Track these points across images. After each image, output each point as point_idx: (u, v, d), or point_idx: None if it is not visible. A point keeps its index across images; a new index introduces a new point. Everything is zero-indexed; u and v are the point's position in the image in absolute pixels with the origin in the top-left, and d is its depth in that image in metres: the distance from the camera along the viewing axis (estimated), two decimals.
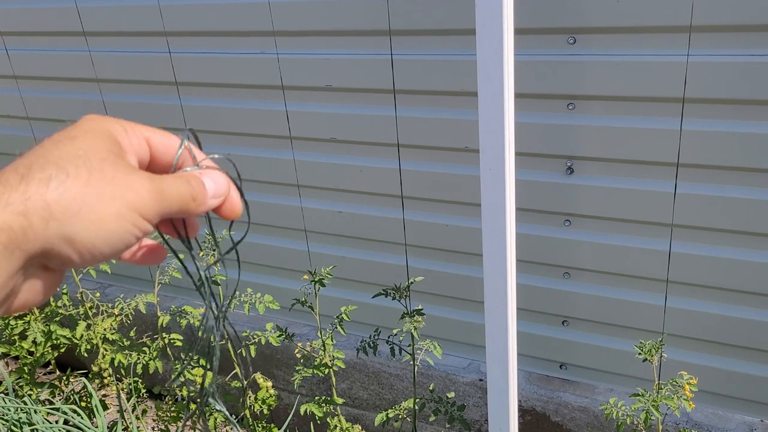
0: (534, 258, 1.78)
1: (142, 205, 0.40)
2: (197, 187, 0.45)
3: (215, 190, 0.46)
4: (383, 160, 1.87)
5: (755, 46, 1.37)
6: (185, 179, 0.44)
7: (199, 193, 0.45)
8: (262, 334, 1.83)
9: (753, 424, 1.67)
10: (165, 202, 0.42)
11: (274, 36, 1.86)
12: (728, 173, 1.48)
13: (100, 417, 1.99)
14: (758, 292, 1.55)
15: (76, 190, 0.38)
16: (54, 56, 2.29)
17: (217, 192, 0.46)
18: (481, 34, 1.08)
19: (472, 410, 2.01)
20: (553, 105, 1.59)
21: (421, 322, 1.52)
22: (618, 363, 1.78)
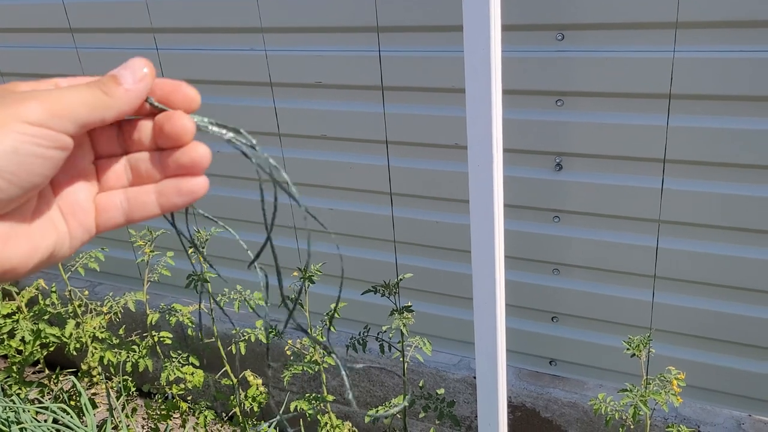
0: (523, 254, 1.78)
1: (27, 114, 0.37)
2: (105, 80, 0.41)
3: (133, 76, 0.42)
4: (373, 157, 1.86)
5: (741, 42, 1.37)
6: (87, 80, 0.41)
7: (109, 83, 0.41)
8: (252, 332, 1.82)
9: (741, 418, 1.68)
10: (62, 106, 0.38)
11: (263, 33, 1.85)
12: (715, 169, 1.49)
13: (90, 416, 1.98)
14: (745, 287, 1.56)
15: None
16: (40, 53, 2.27)
17: (135, 72, 0.42)
18: (468, 31, 1.08)
19: (463, 406, 2.02)
20: (542, 101, 1.59)
21: (410, 319, 1.52)
22: (607, 359, 1.79)
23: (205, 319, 2.29)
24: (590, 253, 1.69)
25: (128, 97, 0.41)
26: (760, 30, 1.35)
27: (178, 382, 2.07)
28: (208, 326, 2.29)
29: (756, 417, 1.68)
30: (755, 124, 1.42)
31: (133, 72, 0.42)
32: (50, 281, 2.31)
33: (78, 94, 0.40)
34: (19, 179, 0.37)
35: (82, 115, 0.39)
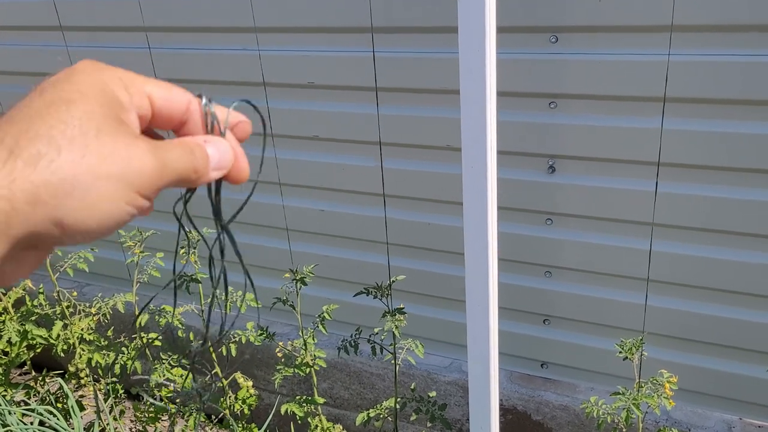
0: (516, 257, 1.78)
1: (140, 183, 0.37)
2: (200, 159, 0.41)
3: (219, 162, 0.42)
4: (365, 158, 1.86)
5: (736, 46, 1.38)
6: (189, 149, 0.41)
7: (202, 166, 0.41)
8: (243, 333, 1.81)
9: (731, 422, 1.69)
10: (166, 176, 0.38)
11: (256, 32, 1.84)
12: (708, 173, 1.49)
13: (77, 418, 1.96)
14: (738, 290, 1.57)
15: (69, 170, 0.34)
16: (30, 51, 2.25)
17: (221, 164, 0.42)
18: (463, 32, 1.08)
19: (454, 409, 2.01)
20: (535, 103, 1.59)
21: (402, 321, 1.51)
22: (599, 362, 1.79)
23: (195, 320, 2.27)
24: (583, 255, 1.69)
25: (207, 180, 0.42)
26: (754, 34, 1.36)
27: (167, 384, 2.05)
28: (197, 327, 2.27)
29: (746, 420, 1.68)
30: (748, 128, 1.42)
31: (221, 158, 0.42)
32: (38, 282, 2.28)
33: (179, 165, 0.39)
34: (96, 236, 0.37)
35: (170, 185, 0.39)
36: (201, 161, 0.41)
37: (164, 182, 0.38)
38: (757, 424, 1.67)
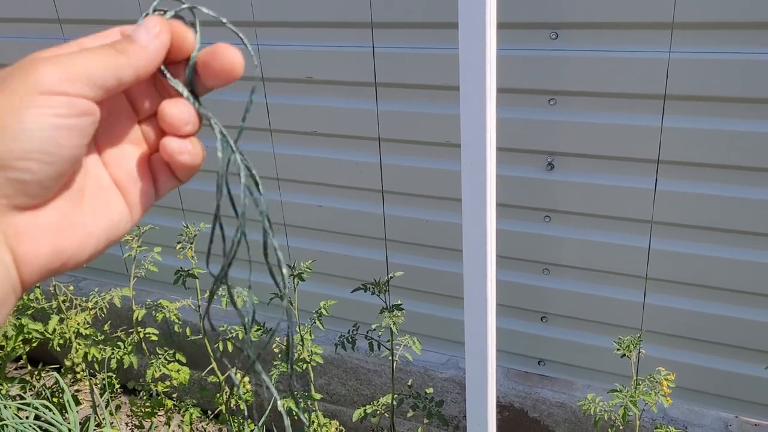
0: (514, 254, 1.78)
1: (41, 83, 0.35)
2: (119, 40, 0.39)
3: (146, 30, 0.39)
4: (364, 154, 1.85)
5: (736, 43, 1.37)
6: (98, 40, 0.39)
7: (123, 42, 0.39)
8: (239, 329, 1.80)
9: (728, 420, 1.69)
10: (76, 69, 0.36)
11: (255, 27, 1.83)
12: (708, 170, 1.49)
13: (73, 412, 1.96)
14: (735, 289, 1.57)
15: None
16: (27, 44, 2.23)
17: (150, 30, 0.40)
18: (463, 28, 1.07)
19: (451, 406, 2.01)
20: (535, 100, 1.59)
21: (400, 318, 1.51)
22: (596, 359, 1.79)
23: (190, 315, 2.26)
24: (581, 253, 1.69)
25: (145, 54, 0.39)
26: (755, 31, 1.35)
27: (164, 379, 2.05)
28: (194, 323, 2.26)
29: (743, 418, 1.68)
30: (748, 126, 1.42)
31: (147, 30, 0.40)
32: None
33: (92, 55, 0.37)
34: (49, 156, 0.35)
35: (98, 76, 0.37)
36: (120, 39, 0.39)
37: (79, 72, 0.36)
38: (754, 422, 1.67)
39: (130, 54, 0.38)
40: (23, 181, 0.35)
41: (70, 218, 0.38)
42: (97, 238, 0.39)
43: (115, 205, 0.41)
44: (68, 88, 0.36)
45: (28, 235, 0.36)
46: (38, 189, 0.35)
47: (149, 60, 0.39)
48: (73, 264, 0.38)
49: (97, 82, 0.37)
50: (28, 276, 0.36)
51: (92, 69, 0.37)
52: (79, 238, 0.38)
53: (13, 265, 0.36)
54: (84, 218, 0.39)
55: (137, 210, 0.41)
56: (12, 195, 0.35)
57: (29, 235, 0.36)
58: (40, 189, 0.36)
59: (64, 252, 0.37)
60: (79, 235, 0.38)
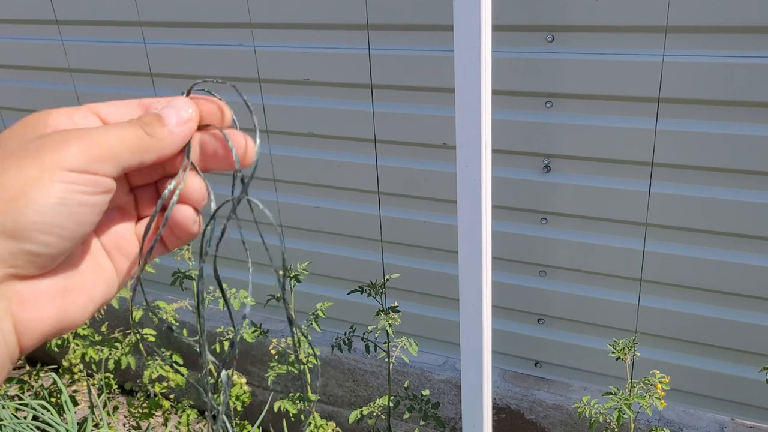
0: (510, 256, 1.78)
1: (69, 161, 0.35)
2: (148, 119, 0.39)
3: (177, 115, 0.40)
4: (361, 156, 1.85)
5: (730, 47, 1.38)
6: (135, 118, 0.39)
7: (152, 124, 0.39)
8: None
9: (723, 422, 1.69)
10: (104, 150, 0.36)
11: (251, 28, 1.84)
12: (702, 173, 1.49)
13: (70, 413, 1.96)
14: (730, 291, 1.57)
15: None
16: (26, 45, 2.24)
17: (181, 115, 0.40)
18: (458, 30, 1.07)
19: (447, 408, 2.01)
20: (531, 102, 1.59)
21: (396, 319, 1.51)
22: (592, 361, 1.79)
23: (188, 316, 2.26)
24: (577, 255, 1.69)
25: (171, 140, 0.39)
26: (749, 36, 1.36)
27: (161, 380, 2.05)
28: (192, 324, 2.27)
29: (738, 421, 1.69)
30: (742, 129, 1.43)
31: (178, 112, 0.40)
32: None
33: (120, 134, 0.37)
34: (68, 231, 0.35)
35: (124, 157, 0.37)
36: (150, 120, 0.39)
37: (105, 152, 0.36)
38: (749, 425, 1.67)
39: (159, 138, 0.39)
40: (38, 254, 0.35)
41: (70, 283, 0.38)
42: (94, 300, 0.40)
43: (108, 269, 0.41)
44: (95, 168, 0.36)
45: (33, 302, 0.36)
46: (48, 261, 0.36)
47: (175, 146, 0.40)
48: (71, 327, 0.38)
49: (120, 164, 0.37)
50: (28, 342, 0.36)
51: (120, 149, 0.37)
52: (81, 302, 0.39)
53: (13, 332, 0.36)
54: (83, 281, 0.39)
55: (123, 275, 0.42)
56: (21, 266, 0.35)
57: (34, 302, 0.36)
58: (50, 261, 0.36)
59: (68, 316, 0.38)
60: (80, 299, 0.39)
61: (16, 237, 0.34)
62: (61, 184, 0.35)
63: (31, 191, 0.34)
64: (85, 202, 0.36)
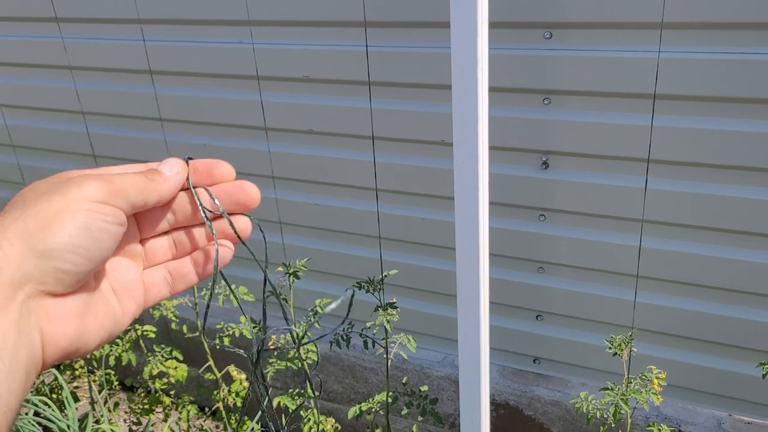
0: (509, 252, 1.78)
1: (91, 193, 0.42)
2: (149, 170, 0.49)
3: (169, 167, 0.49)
4: (359, 153, 1.86)
5: (726, 44, 1.38)
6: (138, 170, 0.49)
7: (152, 173, 0.48)
8: (236, 327, 1.81)
9: (721, 418, 1.70)
10: (117, 187, 0.44)
11: (250, 26, 1.84)
12: (698, 170, 1.49)
13: (71, 409, 1.97)
14: (727, 288, 1.57)
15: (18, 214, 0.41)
16: (26, 42, 2.24)
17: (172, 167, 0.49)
18: (455, 27, 1.08)
19: (447, 404, 2.02)
20: (530, 99, 1.59)
21: (394, 316, 1.52)
22: (591, 357, 1.80)
23: (188, 313, 2.27)
24: (575, 251, 1.70)
25: (167, 186, 0.49)
26: (743, 32, 1.36)
27: (161, 376, 2.06)
28: (192, 320, 2.27)
29: (736, 417, 1.69)
30: (737, 126, 1.43)
31: (170, 166, 0.50)
32: None
33: (129, 178, 0.46)
34: (90, 254, 0.42)
35: (133, 196, 0.45)
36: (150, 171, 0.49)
37: (119, 191, 0.44)
38: (747, 421, 1.67)
39: (157, 182, 0.48)
40: (65, 271, 0.41)
41: (88, 307, 0.44)
42: (105, 330, 0.46)
43: (116, 307, 0.48)
44: (113, 201, 0.44)
45: (57, 318, 0.41)
46: (73, 280, 0.42)
47: (170, 190, 0.49)
48: (84, 351, 0.44)
49: (130, 200, 0.45)
50: (49, 357, 0.41)
51: (129, 188, 0.45)
52: (95, 327, 0.45)
53: (40, 344, 0.41)
54: (97, 310, 0.45)
55: (128, 316, 0.49)
56: (51, 282, 0.40)
57: (59, 319, 0.42)
58: (75, 280, 0.42)
59: (83, 337, 0.43)
60: (94, 324, 0.45)
61: (47, 256, 0.40)
62: (85, 212, 0.42)
63: (60, 218, 0.41)
64: (104, 228, 0.43)
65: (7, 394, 0.37)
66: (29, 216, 0.40)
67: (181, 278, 0.52)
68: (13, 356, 0.38)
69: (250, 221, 0.54)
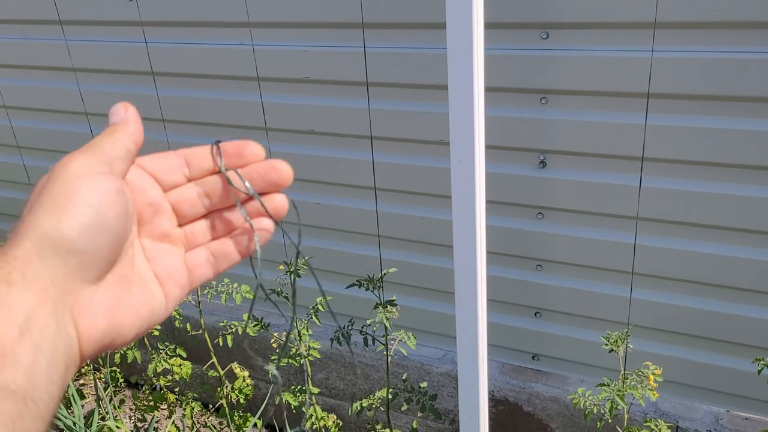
0: (507, 250, 1.80)
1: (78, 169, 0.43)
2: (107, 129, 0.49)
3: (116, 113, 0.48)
4: (359, 152, 1.87)
5: (720, 43, 1.39)
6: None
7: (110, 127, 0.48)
8: (239, 324, 1.83)
9: (719, 414, 1.71)
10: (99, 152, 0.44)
11: (250, 27, 1.86)
12: (692, 168, 1.51)
13: (77, 406, 1.99)
14: (723, 284, 1.59)
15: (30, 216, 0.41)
16: (30, 45, 2.27)
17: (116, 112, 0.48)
18: (450, 28, 1.09)
19: (447, 400, 2.04)
20: (527, 99, 1.61)
21: (394, 313, 1.54)
22: (589, 354, 1.81)
23: (192, 311, 2.30)
24: (574, 249, 1.71)
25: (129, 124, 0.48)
26: (736, 31, 1.37)
27: (166, 373, 2.09)
28: (196, 318, 2.30)
29: (734, 412, 1.70)
30: (730, 124, 1.44)
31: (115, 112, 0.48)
32: None
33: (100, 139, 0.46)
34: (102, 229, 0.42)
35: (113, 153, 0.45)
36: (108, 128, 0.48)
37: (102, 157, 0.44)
38: (744, 416, 1.69)
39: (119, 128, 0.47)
40: (85, 253, 0.41)
41: (121, 300, 0.44)
42: (141, 319, 0.45)
43: (157, 294, 0.47)
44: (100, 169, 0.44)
45: (89, 310, 0.42)
46: (95, 260, 0.42)
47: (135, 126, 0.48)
48: (120, 342, 0.44)
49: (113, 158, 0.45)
50: (86, 349, 0.42)
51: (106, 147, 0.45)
52: (129, 318, 0.44)
53: (76, 337, 0.41)
54: (133, 301, 0.45)
55: (172, 300, 0.49)
56: (77, 270, 0.41)
57: (90, 311, 0.42)
58: (97, 260, 0.42)
59: (116, 328, 0.43)
60: (129, 315, 0.44)
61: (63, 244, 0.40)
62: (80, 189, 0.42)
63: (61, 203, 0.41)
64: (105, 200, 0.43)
65: (50, 385, 0.38)
66: (37, 210, 0.41)
67: (224, 258, 0.52)
68: (53, 349, 0.38)
69: (286, 199, 0.52)
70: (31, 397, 0.37)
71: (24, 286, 0.38)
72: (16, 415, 0.36)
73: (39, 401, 0.37)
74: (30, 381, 0.37)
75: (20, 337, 0.37)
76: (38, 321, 0.38)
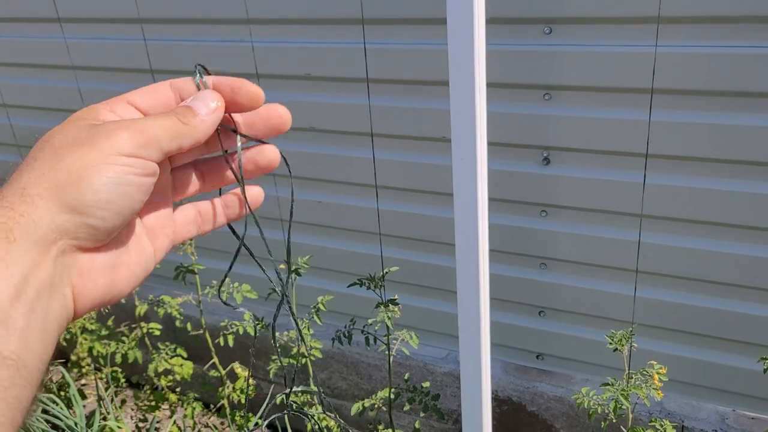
0: (511, 248, 1.78)
1: (120, 146, 0.41)
2: (182, 111, 0.45)
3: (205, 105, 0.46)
4: (361, 150, 1.86)
5: (724, 38, 1.37)
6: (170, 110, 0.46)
7: (186, 114, 0.45)
8: (240, 324, 1.82)
9: (725, 413, 1.69)
10: (150, 136, 0.42)
11: (249, 24, 1.84)
12: (697, 164, 1.49)
13: (79, 406, 1.98)
14: (728, 282, 1.57)
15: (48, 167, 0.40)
16: (30, 43, 2.26)
17: (208, 104, 0.46)
18: (451, 23, 1.08)
19: (450, 399, 2.02)
20: (530, 95, 1.59)
21: (396, 312, 1.52)
22: (594, 353, 1.80)
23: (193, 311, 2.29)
24: (578, 247, 1.69)
25: (204, 127, 0.45)
26: (740, 26, 1.35)
27: (167, 373, 2.08)
28: (196, 318, 2.29)
29: (740, 412, 1.68)
30: (735, 120, 1.42)
31: (206, 104, 0.46)
32: None
33: (160, 123, 0.43)
34: (121, 208, 0.41)
35: (165, 143, 0.43)
36: (182, 110, 0.45)
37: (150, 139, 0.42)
38: (750, 416, 1.67)
39: (193, 126, 0.45)
40: (96, 227, 0.40)
41: (119, 259, 0.44)
42: (136, 276, 0.46)
43: (148, 249, 0.47)
44: (142, 152, 0.42)
45: (89, 273, 0.42)
46: (104, 235, 0.41)
47: (206, 132, 0.46)
48: (117, 298, 0.44)
49: (163, 149, 0.43)
50: (81, 308, 0.42)
51: (161, 136, 0.43)
52: (126, 276, 0.44)
53: (71, 298, 0.41)
54: (129, 259, 0.45)
55: (159, 254, 0.48)
56: (83, 238, 0.40)
57: (90, 273, 0.42)
58: (105, 235, 0.41)
59: (115, 288, 0.43)
60: (126, 273, 0.44)
61: (79, 212, 0.39)
62: (116, 166, 0.40)
63: (90, 173, 0.40)
64: (134, 182, 0.41)
65: (42, 347, 0.37)
66: (60, 171, 0.39)
67: (210, 219, 0.51)
68: (46, 312, 0.38)
69: (278, 151, 0.51)
70: (24, 363, 0.36)
71: (26, 246, 0.37)
72: (9, 383, 0.35)
73: (31, 367, 0.36)
74: (23, 346, 0.36)
75: (15, 298, 0.36)
76: (35, 282, 0.37)
